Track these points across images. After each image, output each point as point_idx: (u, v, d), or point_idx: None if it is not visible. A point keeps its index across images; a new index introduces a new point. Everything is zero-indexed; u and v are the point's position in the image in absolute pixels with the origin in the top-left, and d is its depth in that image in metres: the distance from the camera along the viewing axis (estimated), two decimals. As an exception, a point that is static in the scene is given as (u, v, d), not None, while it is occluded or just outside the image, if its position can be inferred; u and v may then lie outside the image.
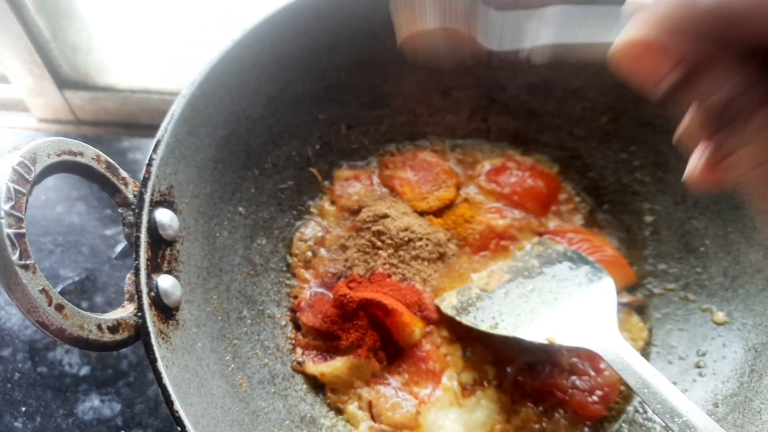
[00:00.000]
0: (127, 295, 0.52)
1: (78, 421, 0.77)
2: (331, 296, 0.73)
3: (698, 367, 0.71)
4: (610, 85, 0.77)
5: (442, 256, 0.78)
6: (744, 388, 0.66)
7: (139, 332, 0.50)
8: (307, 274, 0.77)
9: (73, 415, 0.77)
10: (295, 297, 0.76)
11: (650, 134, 0.77)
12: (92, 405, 0.78)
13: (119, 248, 0.92)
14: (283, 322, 0.74)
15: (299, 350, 0.72)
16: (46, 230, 0.93)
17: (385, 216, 0.77)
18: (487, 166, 0.85)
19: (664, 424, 0.67)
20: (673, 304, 0.76)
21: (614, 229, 0.82)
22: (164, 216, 0.56)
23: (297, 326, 0.74)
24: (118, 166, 0.54)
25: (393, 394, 0.69)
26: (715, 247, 0.73)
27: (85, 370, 0.81)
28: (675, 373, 0.71)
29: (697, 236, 0.75)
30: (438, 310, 0.73)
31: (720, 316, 0.72)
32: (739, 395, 0.66)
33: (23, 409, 0.77)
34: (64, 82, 1.03)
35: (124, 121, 1.08)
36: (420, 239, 0.76)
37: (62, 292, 0.87)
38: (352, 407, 0.69)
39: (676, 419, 0.54)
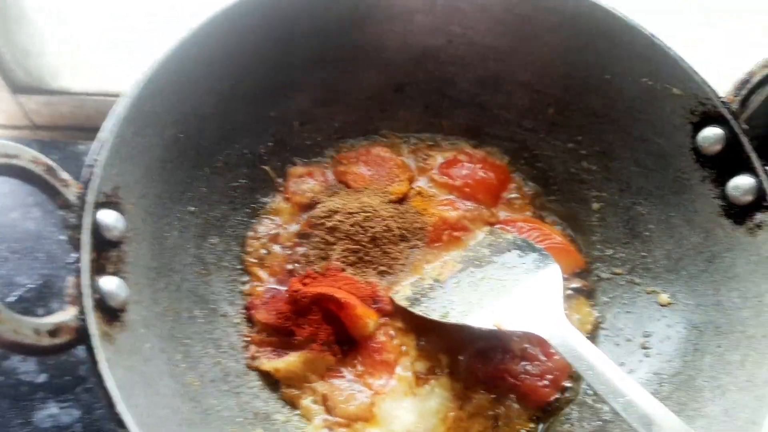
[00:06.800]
0: (68, 298, 0.52)
1: (36, 429, 0.76)
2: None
3: (644, 348, 0.73)
4: (556, 78, 0.79)
5: (395, 249, 0.79)
6: (687, 366, 0.68)
7: (82, 335, 0.50)
8: (261, 272, 0.77)
9: (30, 424, 0.76)
10: (250, 295, 0.76)
11: (595, 124, 0.79)
12: (50, 413, 0.77)
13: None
14: (237, 320, 0.74)
15: (253, 347, 0.72)
16: (1, 237, 0.92)
17: (339, 211, 0.77)
18: (439, 159, 0.86)
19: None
20: (620, 287, 0.78)
21: (563, 217, 0.84)
22: (108, 217, 0.55)
23: (252, 324, 0.74)
24: (57, 168, 0.54)
25: (347, 386, 0.70)
26: (659, 232, 0.75)
27: (42, 378, 0.80)
28: (622, 355, 0.73)
29: (642, 221, 0.77)
30: (392, 301, 0.74)
31: (664, 297, 0.74)
32: (683, 374, 0.68)
33: (-23, 420, 0.76)
34: (17, 87, 1.02)
35: (81, 125, 1.07)
36: (374, 233, 0.77)
37: (19, 300, 0.86)
38: (306, 401, 0.70)
39: (619, 399, 0.56)
